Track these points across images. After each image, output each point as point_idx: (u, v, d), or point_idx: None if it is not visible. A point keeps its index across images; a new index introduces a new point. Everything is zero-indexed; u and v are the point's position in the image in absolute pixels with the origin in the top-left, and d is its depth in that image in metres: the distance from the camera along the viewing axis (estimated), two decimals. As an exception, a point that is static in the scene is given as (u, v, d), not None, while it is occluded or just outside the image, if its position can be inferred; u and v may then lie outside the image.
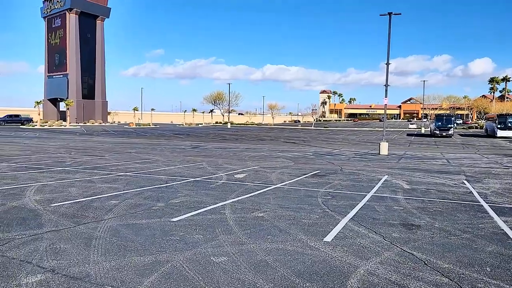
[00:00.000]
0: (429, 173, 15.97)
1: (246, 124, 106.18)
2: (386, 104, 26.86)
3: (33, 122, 67.30)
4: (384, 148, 24.96)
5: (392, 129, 78.52)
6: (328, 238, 6.71)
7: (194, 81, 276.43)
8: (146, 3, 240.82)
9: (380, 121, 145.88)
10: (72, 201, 9.18)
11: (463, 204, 9.80)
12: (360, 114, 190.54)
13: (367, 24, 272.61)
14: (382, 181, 13.54)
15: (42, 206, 8.61)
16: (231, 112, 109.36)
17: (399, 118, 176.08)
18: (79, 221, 7.44)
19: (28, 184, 11.48)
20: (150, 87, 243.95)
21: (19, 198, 9.35)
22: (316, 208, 9.07)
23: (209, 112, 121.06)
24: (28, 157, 19.56)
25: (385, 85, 25.88)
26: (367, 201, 9.95)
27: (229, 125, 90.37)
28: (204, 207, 8.84)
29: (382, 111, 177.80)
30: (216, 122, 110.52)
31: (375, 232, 7.11)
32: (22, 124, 64.04)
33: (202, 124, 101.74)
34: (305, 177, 14.17)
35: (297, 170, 16.21)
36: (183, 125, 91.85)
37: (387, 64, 25.78)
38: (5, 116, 65.46)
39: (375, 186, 12.45)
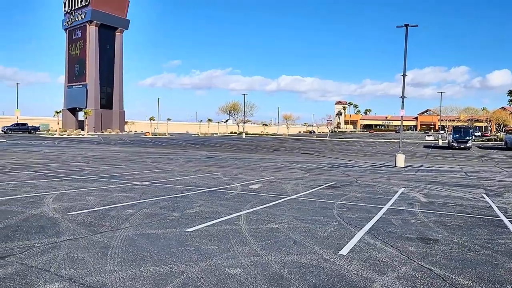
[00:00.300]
0: (446, 186, 15.71)
1: (261, 135, 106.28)
2: (402, 116, 26.62)
3: (39, 131, 68.09)
4: (400, 160, 24.68)
5: (409, 140, 77.61)
6: (344, 251, 6.64)
7: (210, 91, 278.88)
8: (164, 15, 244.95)
9: (396, 132, 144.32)
10: (89, 210, 9.30)
11: (482, 219, 9.60)
12: (376, 125, 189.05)
13: (383, 35, 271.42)
14: (398, 193, 13.37)
15: (60, 214, 8.75)
16: (246, 122, 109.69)
17: (416, 130, 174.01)
18: (96, 230, 7.53)
19: (47, 192, 11.69)
20: (166, 97, 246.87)
21: (38, 206, 9.52)
22: (332, 220, 9.00)
23: (224, 122, 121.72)
24: (47, 165, 19.93)
25: (401, 97, 25.68)
26: (383, 214, 9.83)
27: (244, 135, 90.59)
28: (219, 218, 8.86)
29: (398, 123, 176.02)
30: (231, 132, 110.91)
31: (391, 246, 7.01)
32: (29, 133, 64.22)
33: (217, 134, 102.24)
34: (320, 189, 14.09)
35: (312, 182, 16.13)
36: (198, 135, 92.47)
37: (404, 75, 25.60)
38: (12, 125, 66.18)
39: (391, 198, 12.30)
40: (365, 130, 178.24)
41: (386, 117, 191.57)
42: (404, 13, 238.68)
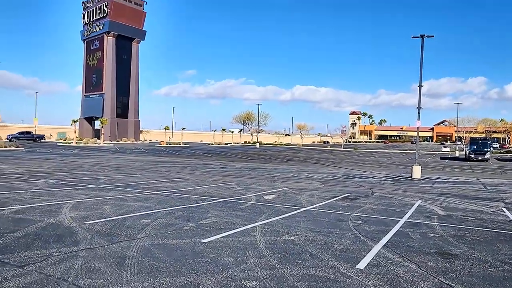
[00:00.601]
0: (465, 199, 15.41)
1: (275, 144, 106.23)
2: (418, 127, 26.32)
3: (45, 139, 68.77)
4: (416, 171, 24.34)
5: (425, 152, 76.61)
6: (361, 265, 6.54)
7: (224, 101, 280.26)
8: (179, 26, 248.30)
9: (412, 143, 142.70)
10: (106, 219, 9.38)
11: (503, 234, 9.37)
12: (391, 136, 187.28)
13: (398, 45, 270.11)
14: (415, 206, 13.17)
15: (77, 223, 8.83)
16: (260, 132, 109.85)
17: (432, 141, 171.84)
18: (112, 239, 7.58)
19: (64, 201, 11.84)
20: (181, 107, 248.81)
21: (55, 215, 9.64)
22: (348, 233, 8.89)
23: (238, 132, 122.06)
24: (64, 174, 20.21)
25: (417, 107, 25.43)
26: (400, 227, 9.68)
27: (257, 145, 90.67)
28: (234, 229, 8.84)
29: (413, 133, 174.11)
30: (245, 142, 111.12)
31: (410, 261, 6.88)
32: (34, 141, 64.46)
33: (231, 143, 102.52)
34: (335, 200, 13.97)
35: (327, 193, 16.01)
36: (212, 144, 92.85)
37: (420, 86, 25.38)
38: (17, 133, 66.72)
39: (408, 211, 12.12)
40: (380, 140, 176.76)
41: (401, 128, 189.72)
42: (419, 23, 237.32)
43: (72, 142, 66.10)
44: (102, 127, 74.18)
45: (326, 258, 6.89)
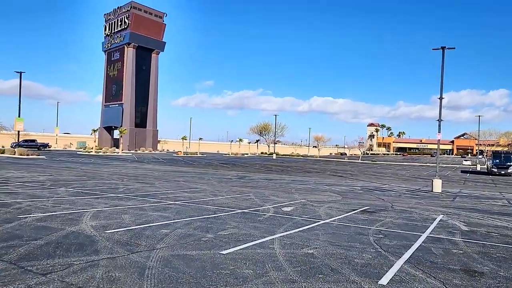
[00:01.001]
0: (488, 214, 15.01)
1: (292, 155, 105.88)
2: (439, 140, 25.87)
3: (49, 147, 68.28)
4: (437, 185, 23.87)
5: (445, 165, 75.24)
6: (383, 281, 6.40)
7: (242, 111, 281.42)
8: (198, 37, 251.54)
9: (432, 156, 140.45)
10: (125, 229, 9.43)
11: (531, 251, 9.05)
12: (410, 148, 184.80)
13: (418, 56, 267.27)
14: (437, 221, 12.88)
15: (97, 232, 8.91)
16: (276, 143, 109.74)
17: (452, 154, 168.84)
18: (132, 249, 7.60)
19: (84, 209, 11.98)
20: (198, 117, 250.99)
21: (76, 224, 9.75)
22: (368, 247, 8.73)
23: (255, 143, 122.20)
24: (84, 182, 20.50)
25: (438, 120, 25.04)
26: (422, 242, 9.46)
27: (274, 156, 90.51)
28: (253, 241, 8.77)
29: (433, 146, 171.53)
30: (262, 153, 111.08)
31: (434, 277, 6.70)
32: (38, 149, 64.00)
33: (247, 154, 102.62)
34: (354, 213, 13.78)
35: (346, 205, 15.81)
36: (229, 154, 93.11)
37: (440, 98, 25.02)
38: (21, 141, 66.83)
39: (430, 226, 11.85)
40: (398, 153, 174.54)
41: (421, 140, 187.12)
42: (440, 34, 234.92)
43: (91, 151, 67.18)
44: (121, 136, 75.26)
45: (347, 272, 6.77)
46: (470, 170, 60.88)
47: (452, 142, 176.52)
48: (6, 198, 13.48)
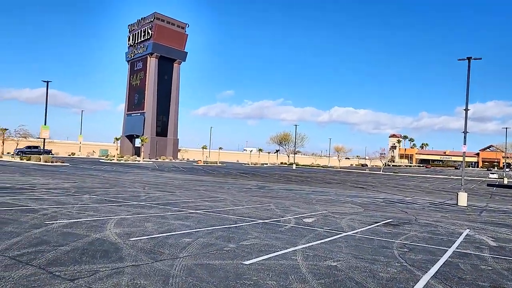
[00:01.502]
0: (517, 229, 14.53)
1: (312, 166, 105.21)
2: (464, 152, 25.31)
3: (51, 154, 66.24)
4: (462, 198, 23.29)
5: (470, 178, 73.42)
6: (410, 296, 6.25)
7: (261, 121, 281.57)
8: (219, 47, 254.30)
9: (456, 168, 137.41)
10: (149, 237, 9.52)
11: None
12: (433, 160, 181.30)
13: (442, 66, 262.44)
14: (463, 235, 12.54)
15: (122, 239, 9.02)
16: (296, 153, 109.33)
17: (477, 167, 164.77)
18: (156, 257, 7.66)
19: (108, 216, 12.15)
20: (218, 126, 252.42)
21: (101, 231, 9.90)
22: (393, 261, 8.56)
23: (274, 153, 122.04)
24: (107, 190, 20.82)
25: (463, 132, 24.53)
26: (449, 257, 9.22)
27: (294, 166, 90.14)
28: (275, 252, 8.72)
29: (457, 158, 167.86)
30: (281, 163, 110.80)
31: (462, 294, 6.51)
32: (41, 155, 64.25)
33: (267, 164, 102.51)
34: (377, 226, 13.55)
35: (368, 218, 15.58)
36: (248, 164, 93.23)
37: (466, 110, 24.52)
38: (24, 147, 65.75)
39: (456, 240, 11.55)
40: (421, 165, 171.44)
41: (445, 152, 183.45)
42: (464, 44, 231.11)
43: (113, 159, 68.32)
44: (143, 145, 76.32)
45: (372, 287, 6.64)
46: (497, 183, 59.21)
47: (478, 154, 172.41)
48: (33, 204, 13.81)
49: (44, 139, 52.13)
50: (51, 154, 65.27)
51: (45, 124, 50.38)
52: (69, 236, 9.03)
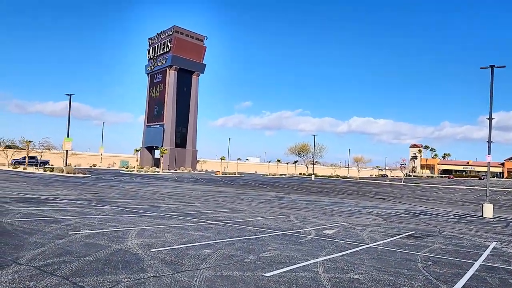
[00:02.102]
0: (547, 242, 14.01)
1: (331, 177, 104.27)
2: (489, 162, 24.69)
3: (49, 165, 64.91)
4: (488, 210, 22.66)
5: (495, 188, 71.46)
6: (436, 311, 6.06)
7: (279, 132, 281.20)
8: (237, 58, 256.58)
9: (480, 179, 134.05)
10: (169, 248, 9.55)
11: None
12: (456, 170, 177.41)
13: (464, 75, 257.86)
14: (490, 248, 12.17)
15: (143, 250, 9.07)
16: (315, 164, 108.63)
17: (502, 177, 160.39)
18: (177, 268, 7.67)
19: (129, 227, 12.26)
20: (236, 137, 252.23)
21: (122, 241, 9.98)
22: (417, 274, 8.35)
23: (293, 163, 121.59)
24: (127, 201, 21.05)
25: (487, 142, 23.96)
26: (475, 271, 8.95)
27: (313, 177, 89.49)
28: (295, 264, 8.62)
29: (481, 168, 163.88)
30: (300, 174, 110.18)
31: (491, 309, 6.28)
32: (38, 166, 62.68)
33: (285, 175, 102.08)
34: (399, 238, 13.28)
35: (390, 229, 15.29)
36: (267, 175, 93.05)
37: (490, 118, 23.99)
38: (21, 158, 65.67)
39: (482, 253, 11.21)
40: (443, 175, 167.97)
41: (467, 162, 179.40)
42: (485, 52, 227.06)
43: (133, 170, 69.20)
44: (162, 156, 77.13)
45: (397, 300, 6.48)
46: (522, 194, 57.46)
47: (503, 164, 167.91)
48: (57, 215, 14.05)
49: (67, 150, 53.25)
50: (49, 165, 63.47)
51: (67, 136, 51.52)
52: (92, 246, 9.13)
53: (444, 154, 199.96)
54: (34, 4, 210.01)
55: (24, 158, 65.42)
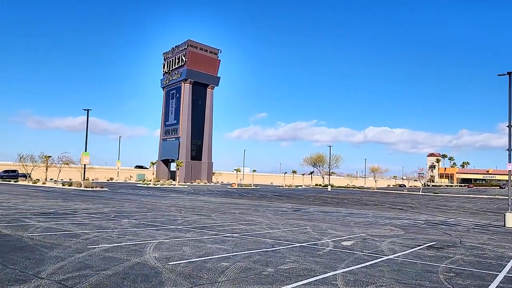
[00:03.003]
0: None
1: (347, 187, 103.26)
2: (510, 170, 24.15)
3: (28, 178, 63.41)
4: (510, 219, 22.10)
5: (515, 197, 69.71)
6: (461, 324, 5.91)
7: (295, 143, 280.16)
8: (251, 70, 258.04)
9: (501, 188, 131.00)
10: (187, 261, 9.56)
11: None
12: (475, 179, 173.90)
13: (482, 82, 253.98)
14: (514, 259, 11.84)
15: (161, 263, 9.10)
16: (331, 175, 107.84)
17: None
18: (195, 281, 7.66)
19: (147, 241, 12.33)
20: (252, 149, 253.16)
21: (140, 255, 10.04)
22: (439, 286, 8.17)
23: (308, 174, 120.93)
24: (145, 214, 21.19)
25: (507, 149, 23.47)
26: (500, 283, 8.71)
27: (329, 188, 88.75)
28: (314, 276, 8.53)
29: (501, 177, 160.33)
30: (316, 185, 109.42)
31: (518, 323, 6.09)
32: (16, 180, 62.11)
33: (301, 186, 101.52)
34: (419, 249, 13.03)
35: (409, 240, 15.02)
36: (283, 186, 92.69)
37: (509, 126, 23.53)
38: (2, 172, 65.07)
39: (506, 264, 10.92)
40: (463, 184, 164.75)
41: (487, 171, 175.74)
42: (504, 59, 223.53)
43: (150, 183, 69.75)
44: (178, 169, 77.62)
45: (419, 314, 6.34)
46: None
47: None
48: (76, 229, 14.23)
49: (85, 165, 54.05)
50: (30, 178, 62.59)
51: (85, 151, 52.35)
52: (111, 260, 9.20)
53: (463, 162, 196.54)
54: (56, 26, 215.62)
55: (6, 171, 64.70)
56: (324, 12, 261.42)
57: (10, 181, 62.15)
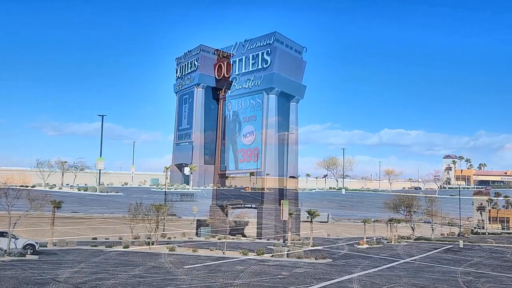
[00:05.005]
0: None
1: (361, 190, 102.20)
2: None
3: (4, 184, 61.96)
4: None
5: (535, 199, 68.14)
6: (481, 329, 5.77)
7: (308, 146, 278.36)
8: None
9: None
10: (201, 264, 9.57)
11: None
12: (493, 181, 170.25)
13: (499, 83, 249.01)
14: (535, 262, 11.56)
15: (175, 266, 9.12)
16: (345, 178, 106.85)
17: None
18: (211, 286, 7.64)
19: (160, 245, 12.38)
20: (265, 152, 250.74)
21: (156, 258, 10.09)
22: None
23: (322, 177, 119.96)
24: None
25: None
26: (521, 286, 8.50)
27: (343, 191, 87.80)
28: (330, 279, 8.43)
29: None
30: (330, 187, 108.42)
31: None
32: None
33: (315, 189, 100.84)
34: (437, 252, 12.84)
35: (426, 243, 14.80)
36: (296, 189, 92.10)
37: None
38: None
39: (527, 267, 10.66)
40: (480, 186, 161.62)
41: (506, 172, 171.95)
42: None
43: (164, 188, 69.90)
44: (191, 173, 77.66)
45: (438, 318, 6.22)
46: None
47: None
48: (92, 233, 14.38)
49: (100, 170, 54.45)
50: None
51: (100, 156, 52.84)
52: (126, 264, 9.26)
53: (480, 164, 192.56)
54: (72, 33, 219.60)
55: None
56: (332, 20, 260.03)
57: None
